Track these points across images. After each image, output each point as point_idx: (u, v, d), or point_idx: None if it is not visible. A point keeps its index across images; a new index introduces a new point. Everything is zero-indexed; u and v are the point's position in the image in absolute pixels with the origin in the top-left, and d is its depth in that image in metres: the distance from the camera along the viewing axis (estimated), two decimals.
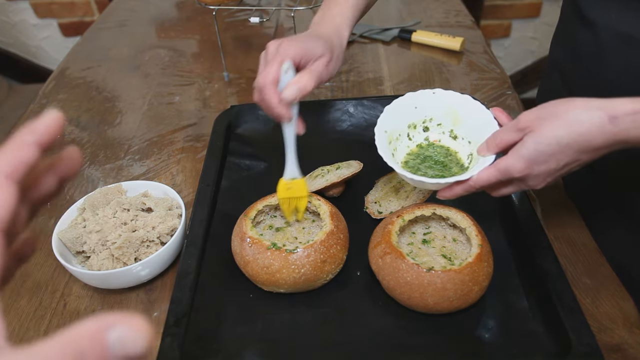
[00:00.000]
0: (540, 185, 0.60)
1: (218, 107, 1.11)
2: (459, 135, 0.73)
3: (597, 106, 0.54)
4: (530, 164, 0.57)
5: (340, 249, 0.68)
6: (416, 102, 0.72)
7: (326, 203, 0.72)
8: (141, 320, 0.23)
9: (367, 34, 1.33)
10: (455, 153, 0.73)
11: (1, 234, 0.27)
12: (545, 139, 0.55)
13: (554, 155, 0.56)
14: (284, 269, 0.64)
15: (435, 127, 0.74)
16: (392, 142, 0.71)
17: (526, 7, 2.26)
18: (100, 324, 0.23)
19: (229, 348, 0.62)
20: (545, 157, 0.56)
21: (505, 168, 0.58)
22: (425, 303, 0.61)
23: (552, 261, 0.65)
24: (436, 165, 0.71)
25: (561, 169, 0.57)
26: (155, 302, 0.72)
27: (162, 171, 0.95)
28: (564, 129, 0.54)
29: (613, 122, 0.53)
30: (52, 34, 2.42)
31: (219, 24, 1.42)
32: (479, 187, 0.62)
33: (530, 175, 0.58)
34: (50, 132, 0.29)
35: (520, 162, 0.57)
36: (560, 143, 0.55)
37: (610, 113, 0.53)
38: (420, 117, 0.73)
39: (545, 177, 0.59)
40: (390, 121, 0.70)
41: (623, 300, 0.68)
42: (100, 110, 1.14)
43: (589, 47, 0.74)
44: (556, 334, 0.60)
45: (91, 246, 0.71)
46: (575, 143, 0.55)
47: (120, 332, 0.22)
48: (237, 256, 0.69)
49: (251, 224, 0.70)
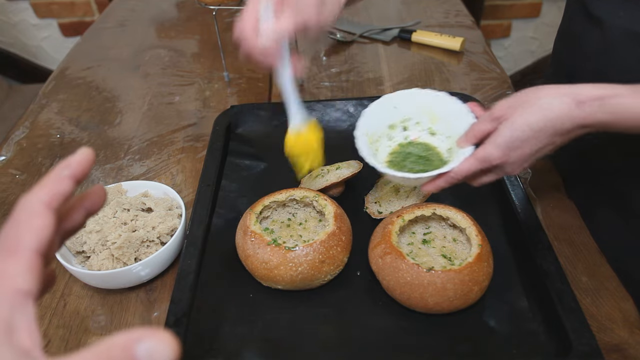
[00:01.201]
0: (517, 170, 0.63)
1: (218, 107, 1.11)
2: (437, 132, 0.74)
3: (565, 92, 0.57)
4: (506, 150, 0.60)
5: (341, 250, 0.68)
6: (394, 103, 0.74)
7: (332, 204, 0.72)
8: (169, 335, 0.24)
9: (367, 34, 1.33)
10: (435, 148, 0.74)
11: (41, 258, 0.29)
12: (519, 126, 0.58)
13: (528, 140, 0.59)
14: (282, 266, 0.64)
15: (414, 126, 0.76)
16: (373, 144, 0.73)
17: (526, 7, 2.26)
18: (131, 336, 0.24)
19: (229, 348, 0.62)
20: (520, 143, 0.59)
21: (483, 157, 0.61)
22: (425, 303, 0.61)
23: (552, 261, 0.65)
24: (419, 160, 0.73)
25: (535, 153, 0.60)
26: (155, 302, 0.72)
27: (162, 171, 0.95)
28: (536, 115, 0.58)
29: (580, 107, 0.56)
30: (52, 34, 2.42)
31: (219, 24, 1.42)
32: (461, 178, 0.64)
33: (507, 161, 0.61)
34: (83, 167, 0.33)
35: (497, 150, 0.60)
36: (533, 129, 0.58)
37: (578, 99, 0.56)
38: (399, 117, 0.75)
39: (521, 163, 0.62)
40: (370, 124, 0.72)
41: (623, 300, 0.68)
42: (100, 110, 1.14)
43: (596, 45, 0.74)
44: (556, 334, 0.60)
45: (91, 246, 0.71)
46: (547, 128, 0.58)
47: (149, 345, 0.24)
48: (239, 249, 0.69)
49: (256, 219, 0.70)
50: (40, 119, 1.12)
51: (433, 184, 0.66)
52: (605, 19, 0.71)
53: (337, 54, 1.28)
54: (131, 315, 0.71)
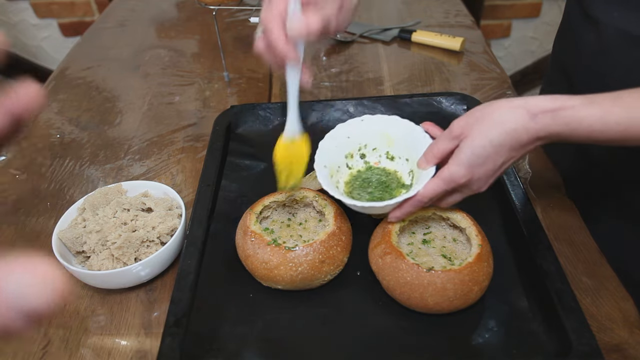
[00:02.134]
0: (484, 187, 0.63)
1: (218, 107, 1.11)
2: (396, 155, 0.75)
3: (519, 105, 0.58)
4: (470, 168, 0.60)
5: (341, 250, 0.68)
6: (348, 132, 0.75)
7: (332, 204, 0.72)
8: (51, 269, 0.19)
9: (367, 34, 1.33)
10: (395, 172, 0.75)
11: None
12: (479, 142, 0.58)
13: (490, 156, 0.59)
14: (282, 266, 0.64)
15: (371, 152, 0.77)
16: (333, 176, 0.74)
17: (526, 7, 2.26)
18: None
19: (229, 348, 0.62)
20: (483, 160, 0.59)
21: (449, 177, 0.61)
22: (425, 303, 0.61)
23: (552, 261, 0.65)
24: (379, 186, 0.73)
25: (499, 168, 0.61)
26: (155, 302, 0.72)
27: (162, 171, 0.95)
28: (494, 130, 0.58)
29: (534, 119, 0.57)
30: (52, 34, 2.42)
31: (219, 24, 1.42)
32: (427, 200, 0.64)
33: (472, 179, 0.61)
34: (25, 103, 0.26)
35: (461, 169, 0.60)
36: (493, 144, 0.58)
37: (531, 111, 0.57)
38: (355, 146, 0.76)
39: (487, 179, 0.62)
40: (327, 155, 0.72)
41: (623, 300, 0.68)
42: (100, 110, 1.14)
43: (593, 46, 0.74)
44: (556, 334, 0.60)
45: (91, 246, 0.71)
46: (505, 142, 0.58)
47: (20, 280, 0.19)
48: (239, 249, 0.69)
49: (256, 219, 0.70)
50: (40, 119, 1.12)
51: (400, 211, 0.65)
52: (600, 19, 0.72)
53: (337, 54, 1.28)
54: (131, 315, 0.71)
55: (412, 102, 0.95)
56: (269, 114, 0.97)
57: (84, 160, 1.00)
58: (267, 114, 0.97)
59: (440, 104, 0.95)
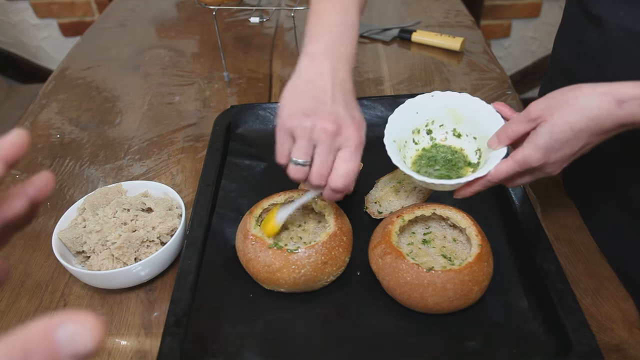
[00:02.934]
0: (557, 171, 0.62)
1: (218, 107, 1.11)
2: (463, 133, 0.74)
3: (604, 91, 0.56)
4: (547, 152, 0.59)
5: (343, 251, 0.68)
6: (416, 107, 0.73)
7: (332, 205, 0.72)
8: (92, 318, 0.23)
9: (367, 34, 1.33)
10: (461, 150, 0.74)
11: None
12: (559, 127, 0.57)
13: (569, 141, 0.58)
14: (285, 269, 0.64)
15: (438, 129, 0.75)
16: (401, 150, 0.73)
17: (526, 7, 2.26)
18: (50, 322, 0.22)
19: (229, 348, 0.62)
20: (561, 145, 0.58)
21: (523, 159, 0.60)
22: (425, 303, 0.61)
23: (552, 261, 0.65)
24: (445, 165, 0.72)
25: (575, 153, 0.60)
26: (155, 302, 0.72)
27: (162, 171, 0.95)
28: (576, 116, 0.56)
29: (621, 106, 0.55)
30: (52, 34, 2.42)
31: (219, 24, 1.42)
32: (497, 181, 0.63)
33: (547, 163, 0.60)
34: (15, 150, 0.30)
35: (537, 152, 0.59)
36: (573, 129, 0.57)
37: (618, 97, 0.55)
38: (422, 122, 0.75)
39: (561, 164, 0.61)
40: (395, 130, 0.72)
41: (623, 300, 0.68)
42: (100, 110, 1.14)
43: (596, 45, 0.74)
44: (556, 334, 0.60)
45: (91, 246, 0.71)
46: (588, 128, 0.57)
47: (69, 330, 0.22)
48: (240, 253, 0.69)
49: (255, 222, 0.70)
50: (40, 119, 1.12)
51: (469, 189, 0.65)
52: (604, 18, 0.71)
53: None
54: (131, 315, 0.71)
55: None
56: (269, 114, 0.97)
57: (84, 160, 1.00)
58: (267, 114, 0.97)
59: None
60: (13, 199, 0.32)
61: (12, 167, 0.30)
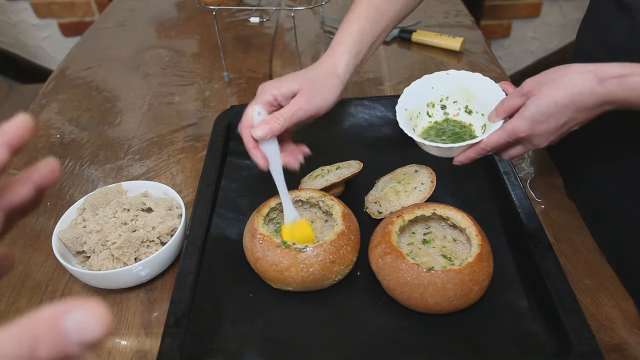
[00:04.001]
0: (544, 143, 0.66)
1: (218, 107, 1.11)
2: (474, 110, 0.80)
3: (589, 70, 0.60)
4: (533, 124, 0.63)
5: (351, 250, 0.68)
6: (432, 83, 0.81)
7: (339, 203, 0.72)
8: (99, 305, 0.23)
9: None
10: (470, 125, 0.80)
11: None
12: (545, 101, 0.62)
13: (553, 115, 0.62)
14: (293, 268, 0.64)
15: (451, 105, 0.81)
16: (412, 119, 0.80)
17: (526, 7, 2.26)
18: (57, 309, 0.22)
19: (229, 348, 0.62)
20: (546, 117, 0.62)
21: (511, 129, 0.65)
22: (425, 303, 0.61)
23: (552, 261, 0.65)
24: (452, 137, 0.78)
25: (560, 127, 0.63)
26: (155, 302, 0.72)
27: (162, 171, 0.95)
28: (561, 91, 0.61)
29: (602, 84, 0.59)
30: (52, 34, 2.42)
31: (219, 24, 1.42)
32: (490, 149, 0.68)
33: (533, 134, 0.64)
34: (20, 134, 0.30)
35: (525, 123, 0.64)
36: (558, 104, 0.61)
37: (600, 76, 0.59)
38: (437, 97, 0.81)
39: (547, 137, 0.65)
40: (410, 100, 0.79)
41: (623, 300, 0.68)
42: (100, 110, 1.14)
43: (625, 34, 0.73)
44: (556, 334, 0.60)
45: (91, 246, 0.71)
46: (571, 104, 0.61)
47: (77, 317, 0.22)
48: (248, 252, 0.69)
49: (263, 221, 0.70)
50: (40, 119, 1.12)
51: (464, 155, 0.71)
52: (635, 6, 0.70)
53: None
54: (131, 315, 0.71)
55: None
56: None
57: (84, 160, 1.00)
58: None
59: None
60: (18, 185, 0.32)
61: (17, 152, 0.30)
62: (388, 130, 0.94)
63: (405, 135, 0.73)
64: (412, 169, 0.82)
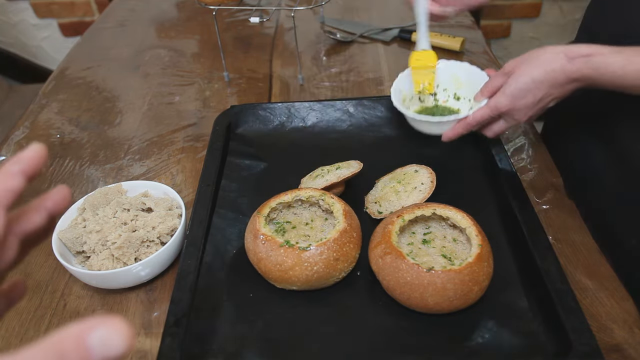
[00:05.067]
0: (524, 118, 0.74)
1: (218, 107, 1.11)
2: (462, 96, 0.89)
3: (560, 50, 0.68)
4: (513, 99, 0.72)
5: (353, 247, 0.68)
6: None
7: (340, 201, 0.72)
8: (122, 322, 0.24)
9: (367, 34, 1.33)
10: (458, 110, 0.89)
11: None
12: (523, 78, 0.70)
13: (531, 91, 0.70)
14: (297, 267, 0.64)
15: (442, 92, 0.90)
16: (405, 101, 0.88)
17: (526, 7, 2.26)
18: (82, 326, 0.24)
19: (229, 348, 0.62)
20: (524, 93, 0.71)
21: (494, 105, 0.74)
22: (425, 303, 0.61)
23: (552, 261, 0.65)
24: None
25: (538, 102, 0.71)
26: (155, 302, 0.72)
27: (162, 171, 0.95)
28: (536, 69, 0.69)
29: (571, 62, 0.67)
30: (52, 34, 2.42)
31: (219, 24, 1.42)
32: (475, 123, 0.77)
33: (514, 109, 0.73)
34: (34, 163, 0.31)
35: (505, 99, 0.72)
36: (534, 81, 0.69)
37: (569, 55, 0.67)
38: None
39: (526, 111, 0.73)
40: (404, 84, 0.89)
41: (623, 300, 0.68)
42: (100, 110, 1.14)
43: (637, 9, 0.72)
44: (556, 334, 0.60)
45: (91, 246, 0.71)
46: (546, 80, 0.69)
47: (101, 334, 0.23)
48: (250, 253, 0.69)
49: (264, 221, 0.70)
50: (40, 119, 1.12)
51: (452, 131, 0.79)
52: None
53: (337, 54, 1.28)
54: (131, 315, 0.71)
55: None
56: (269, 114, 0.97)
57: (84, 160, 1.00)
58: (267, 114, 0.97)
59: None
60: (32, 212, 0.33)
61: (32, 180, 0.31)
62: (388, 130, 0.94)
63: (406, 136, 0.73)
64: (412, 169, 0.82)
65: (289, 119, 0.97)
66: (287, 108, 0.97)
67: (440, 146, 0.85)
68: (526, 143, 0.96)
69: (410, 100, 0.89)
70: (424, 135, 0.85)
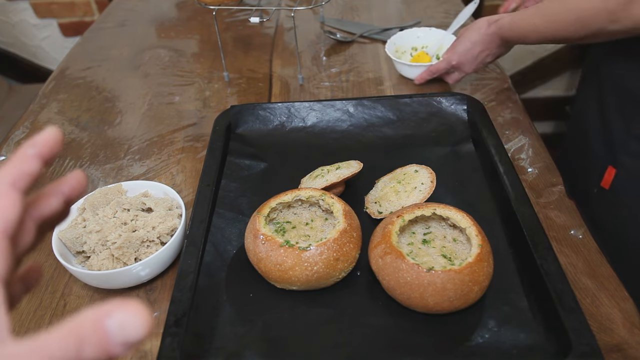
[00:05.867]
0: (470, 69, 1.01)
1: (218, 107, 1.11)
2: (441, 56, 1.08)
3: (487, 18, 0.95)
4: (459, 55, 1.00)
5: (353, 247, 0.68)
6: (418, 33, 1.21)
7: (339, 201, 0.72)
8: (140, 306, 0.23)
9: (367, 34, 1.33)
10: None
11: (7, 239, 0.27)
12: (464, 39, 0.99)
13: (470, 49, 0.98)
14: (297, 267, 0.64)
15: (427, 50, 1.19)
16: (397, 53, 1.19)
17: None
18: (101, 311, 0.23)
19: (229, 348, 0.62)
20: (467, 50, 0.99)
21: (447, 59, 1.02)
22: (425, 303, 0.61)
23: (552, 261, 0.65)
24: None
25: (477, 56, 0.99)
26: (155, 302, 0.72)
27: (162, 171, 0.95)
28: (472, 33, 0.97)
29: (490, 26, 0.94)
30: (52, 34, 2.42)
31: (219, 24, 1.42)
32: (435, 71, 1.06)
33: (461, 62, 1.01)
34: (50, 146, 0.30)
35: (454, 55, 1.01)
36: (471, 41, 0.98)
37: (489, 21, 0.94)
38: (419, 44, 1.21)
39: (471, 63, 1.00)
40: (399, 40, 1.20)
41: (623, 300, 0.68)
42: (100, 110, 1.14)
43: None
44: (556, 334, 0.60)
45: (91, 246, 0.71)
46: (478, 40, 0.96)
47: (120, 318, 0.23)
48: (250, 253, 0.69)
49: (264, 221, 0.70)
50: (40, 119, 1.12)
51: (420, 76, 1.09)
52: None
53: (337, 54, 1.28)
54: None
55: (412, 102, 0.95)
56: (268, 114, 0.97)
57: (84, 160, 1.00)
58: (267, 114, 0.97)
59: (440, 104, 0.95)
60: (49, 196, 0.32)
61: (48, 164, 0.31)
62: (388, 130, 0.94)
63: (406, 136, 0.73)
64: (412, 169, 0.82)
65: (289, 119, 0.97)
66: (287, 108, 0.97)
67: (440, 146, 0.85)
68: (526, 143, 0.96)
69: (402, 54, 1.20)
70: (424, 136, 0.85)
